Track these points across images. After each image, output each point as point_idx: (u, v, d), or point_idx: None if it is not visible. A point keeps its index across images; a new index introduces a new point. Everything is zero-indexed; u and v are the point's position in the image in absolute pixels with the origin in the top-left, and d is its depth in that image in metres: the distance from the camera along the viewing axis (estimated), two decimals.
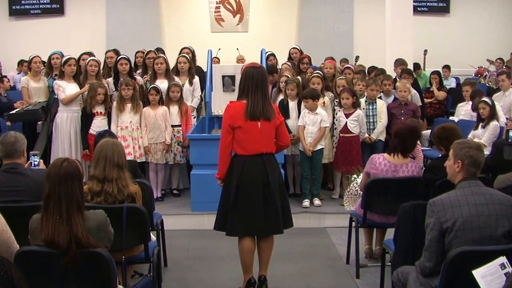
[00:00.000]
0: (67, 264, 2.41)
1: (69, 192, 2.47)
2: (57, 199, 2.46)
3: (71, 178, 2.49)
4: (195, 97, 6.42)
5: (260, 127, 3.59)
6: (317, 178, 5.59)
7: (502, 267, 2.39)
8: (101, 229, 2.60)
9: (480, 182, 2.69)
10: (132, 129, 5.73)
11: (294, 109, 5.79)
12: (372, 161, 4.03)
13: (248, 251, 3.65)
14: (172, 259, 4.40)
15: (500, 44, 10.89)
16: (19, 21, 10.84)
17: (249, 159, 3.59)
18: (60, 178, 2.47)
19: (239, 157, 3.62)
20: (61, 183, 2.47)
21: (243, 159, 3.60)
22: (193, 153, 5.45)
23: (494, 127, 5.53)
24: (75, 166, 2.55)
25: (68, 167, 2.51)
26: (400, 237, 3.24)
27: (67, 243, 2.40)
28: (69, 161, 2.55)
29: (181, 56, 6.46)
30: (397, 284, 2.93)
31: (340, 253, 4.58)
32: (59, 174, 2.48)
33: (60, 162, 2.54)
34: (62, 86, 5.86)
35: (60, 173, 2.48)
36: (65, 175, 2.48)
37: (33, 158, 3.60)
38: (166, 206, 5.60)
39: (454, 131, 3.70)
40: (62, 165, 2.51)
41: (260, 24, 10.88)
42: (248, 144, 3.59)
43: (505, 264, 2.40)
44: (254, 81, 3.60)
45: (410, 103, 6.05)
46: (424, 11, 11.15)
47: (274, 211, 3.61)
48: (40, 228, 2.46)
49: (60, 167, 2.50)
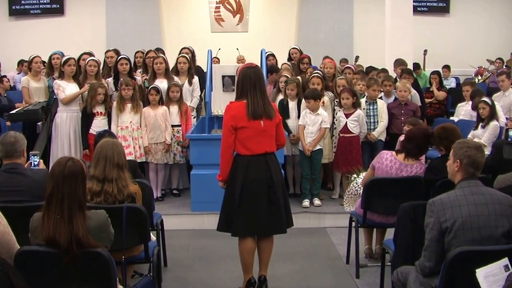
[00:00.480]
0: (68, 264, 2.40)
1: (72, 192, 2.46)
2: (59, 198, 2.45)
3: (75, 178, 2.48)
4: (195, 97, 6.43)
5: (263, 126, 3.59)
6: (316, 178, 5.59)
7: (506, 269, 2.38)
8: (102, 229, 2.60)
9: (479, 182, 2.69)
10: (133, 129, 5.73)
11: (294, 109, 5.80)
12: (380, 155, 4.05)
13: (249, 251, 3.65)
14: (172, 259, 4.40)
15: (500, 44, 10.90)
16: (19, 21, 10.83)
17: (253, 159, 3.59)
18: (64, 177, 2.46)
19: (242, 157, 3.61)
20: (65, 182, 2.46)
21: (247, 159, 3.59)
22: (193, 153, 5.45)
23: (494, 127, 5.52)
24: (79, 165, 2.54)
25: (72, 166, 2.50)
26: (400, 237, 3.24)
27: (67, 243, 2.40)
28: (73, 161, 2.54)
29: (180, 56, 6.46)
30: (397, 284, 2.93)
31: (340, 253, 4.58)
32: (63, 173, 2.47)
33: (65, 161, 2.53)
34: (62, 86, 5.86)
35: (65, 172, 2.47)
36: (69, 174, 2.47)
37: (33, 158, 3.60)
38: (166, 206, 5.60)
39: (454, 131, 3.70)
40: (66, 164, 2.49)
41: (260, 24, 10.88)
42: (252, 144, 3.58)
43: (509, 266, 2.39)
44: (252, 81, 3.61)
45: (410, 103, 6.05)
46: (424, 11, 11.15)
47: (278, 211, 3.62)
48: (41, 227, 2.45)
49: (65, 166, 2.49)
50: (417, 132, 4.01)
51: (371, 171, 4.11)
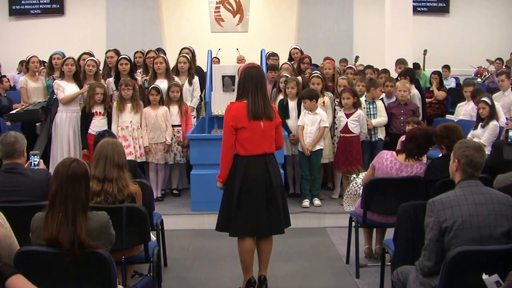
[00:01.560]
0: (68, 265, 2.41)
1: (75, 193, 2.47)
2: (63, 199, 2.45)
3: (79, 179, 2.49)
4: (195, 97, 6.43)
5: (263, 127, 3.59)
6: (316, 178, 5.59)
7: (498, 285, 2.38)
8: (103, 230, 2.60)
9: (479, 182, 2.69)
10: (133, 129, 5.73)
11: (294, 109, 5.80)
12: (380, 156, 4.05)
13: (248, 251, 3.65)
14: (172, 259, 4.40)
15: (500, 44, 10.91)
16: (19, 21, 10.84)
17: (252, 159, 3.59)
18: (68, 178, 2.47)
19: (241, 158, 3.61)
20: (69, 183, 2.46)
21: (246, 160, 3.59)
22: (193, 153, 5.45)
23: (494, 127, 5.52)
24: (83, 167, 2.55)
25: (76, 167, 2.50)
26: (399, 237, 3.24)
27: (70, 243, 2.40)
28: (78, 162, 2.55)
29: (181, 56, 6.47)
30: (397, 284, 2.94)
31: (340, 253, 4.58)
32: (67, 174, 2.47)
33: (70, 162, 2.53)
34: (61, 86, 5.86)
35: (69, 173, 2.47)
36: (73, 175, 2.48)
37: (33, 158, 3.60)
38: (166, 206, 5.60)
39: (456, 131, 3.69)
40: (71, 165, 2.50)
41: (260, 24, 10.89)
42: (251, 144, 3.57)
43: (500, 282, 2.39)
44: (253, 81, 3.60)
45: (410, 103, 6.04)
46: (423, 11, 11.16)
47: (277, 211, 3.62)
48: (44, 227, 2.46)
49: (69, 167, 2.49)
50: (418, 132, 4.01)
51: (371, 171, 4.11)
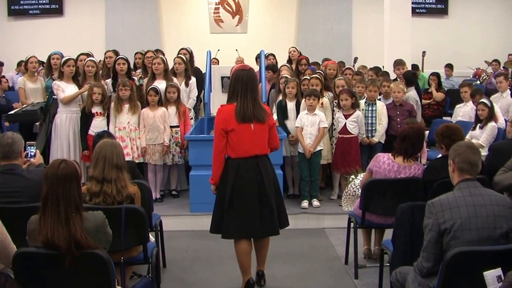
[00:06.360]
0: (67, 266, 2.40)
1: (66, 193, 2.47)
2: (55, 200, 2.45)
3: (69, 179, 2.49)
4: (191, 98, 6.38)
5: (254, 129, 3.58)
6: (315, 180, 5.58)
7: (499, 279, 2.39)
8: (100, 230, 2.60)
9: (478, 183, 2.69)
10: (130, 129, 5.72)
11: (293, 110, 5.79)
12: (377, 159, 4.04)
13: (245, 253, 3.65)
14: (171, 260, 4.40)
15: (498, 45, 10.93)
16: (18, 21, 10.84)
17: (243, 162, 3.59)
18: (58, 179, 2.47)
19: (232, 160, 3.61)
20: (59, 184, 2.46)
21: (237, 162, 3.59)
22: (192, 154, 5.45)
23: (492, 128, 5.53)
24: (72, 167, 2.54)
25: (65, 168, 2.50)
26: (398, 238, 3.25)
27: (66, 244, 2.40)
28: (66, 162, 2.55)
29: (177, 57, 6.41)
30: (396, 285, 2.94)
31: (339, 253, 4.58)
32: (56, 175, 2.47)
33: (58, 163, 2.53)
34: (61, 87, 5.85)
35: (58, 174, 2.48)
36: (63, 176, 2.48)
37: (29, 149, 3.58)
38: (165, 207, 5.59)
39: (457, 131, 3.68)
40: (59, 166, 2.50)
41: (259, 25, 10.90)
42: (241, 147, 3.57)
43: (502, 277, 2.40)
44: (243, 84, 3.60)
45: (406, 104, 6.04)
46: (422, 12, 11.18)
47: (270, 213, 3.62)
48: (39, 230, 2.45)
49: (58, 168, 2.49)
50: (410, 130, 4.01)
51: (369, 175, 4.09)
